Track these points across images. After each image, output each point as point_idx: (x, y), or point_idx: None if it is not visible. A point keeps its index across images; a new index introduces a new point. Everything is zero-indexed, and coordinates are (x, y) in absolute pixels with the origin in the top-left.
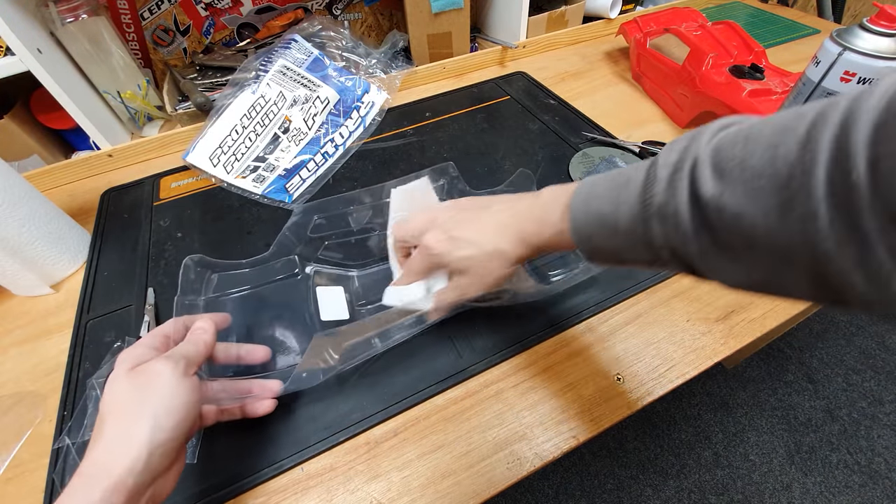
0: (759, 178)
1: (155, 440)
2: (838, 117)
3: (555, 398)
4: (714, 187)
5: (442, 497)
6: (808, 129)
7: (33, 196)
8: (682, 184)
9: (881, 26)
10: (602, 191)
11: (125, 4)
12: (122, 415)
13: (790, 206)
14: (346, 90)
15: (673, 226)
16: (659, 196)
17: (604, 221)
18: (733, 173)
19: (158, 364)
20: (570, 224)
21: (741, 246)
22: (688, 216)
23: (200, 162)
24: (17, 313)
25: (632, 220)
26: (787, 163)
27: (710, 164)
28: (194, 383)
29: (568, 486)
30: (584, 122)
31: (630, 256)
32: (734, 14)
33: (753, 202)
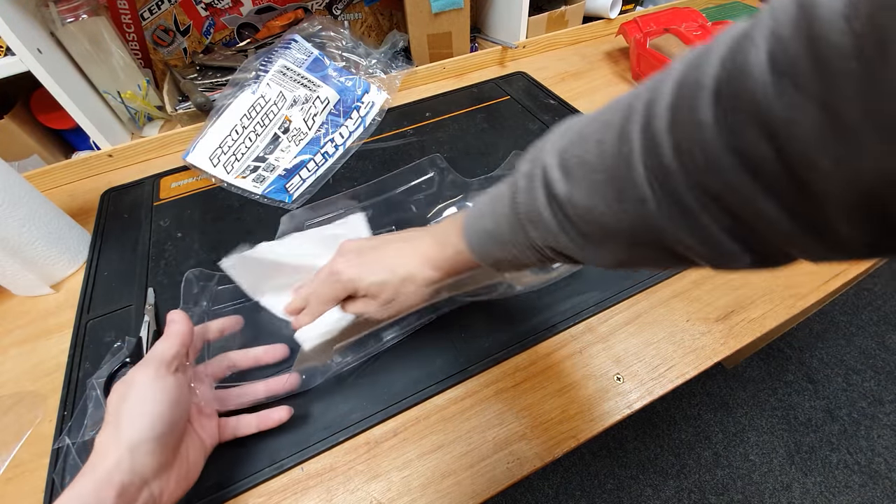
0: (595, 172)
1: (133, 439)
2: (641, 108)
3: (555, 398)
4: (564, 186)
5: (442, 497)
6: (622, 122)
7: (33, 196)
8: (538, 190)
9: None
10: (484, 208)
11: (125, 4)
12: (109, 422)
13: (624, 195)
14: (346, 90)
15: (543, 227)
16: (523, 204)
17: (492, 236)
18: (577, 172)
19: (133, 372)
20: (466, 244)
21: (600, 233)
22: (550, 216)
23: (200, 162)
24: (17, 313)
25: (512, 230)
26: (611, 156)
27: (557, 166)
28: (172, 383)
29: (568, 486)
30: None
31: (526, 260)
32: (734, 14)
33: (596, 195)
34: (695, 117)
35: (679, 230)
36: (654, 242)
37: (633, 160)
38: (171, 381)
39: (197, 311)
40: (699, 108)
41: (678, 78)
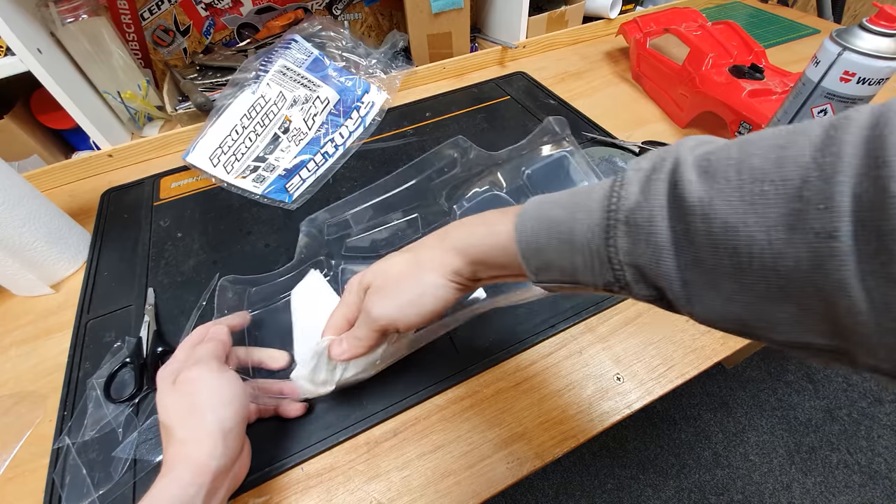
0: (760, 181)
1: (224, 426)
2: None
3: (555, 398)
4: (701, 190)
5: (442, 497)
6: (826, 129)
7: (33, 196)
8: (659, 185)
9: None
10: (559, 197)
11: (125, 4)
12: (185, 417)
13: (801, 220)
14: (346, 90)
15: (644, 236)
16: (628, 199)
17: (556, 228)
18: (728, 174)
19: (192, 371)
20: (516, 231)
21: (729, 268)
22: (665, 224)
23: (200, 162)
24: (17, 313)
25: (590, 229)
26: (799, 165)
27: (695, 165)
28: (233, 375)
29: (568, 485)
30: (584, 122)
31: (585, 277)
32: (734, 14)
33: (753, 211)
34: None
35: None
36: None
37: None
38: (232, 372)
39: None
40: None
41: None
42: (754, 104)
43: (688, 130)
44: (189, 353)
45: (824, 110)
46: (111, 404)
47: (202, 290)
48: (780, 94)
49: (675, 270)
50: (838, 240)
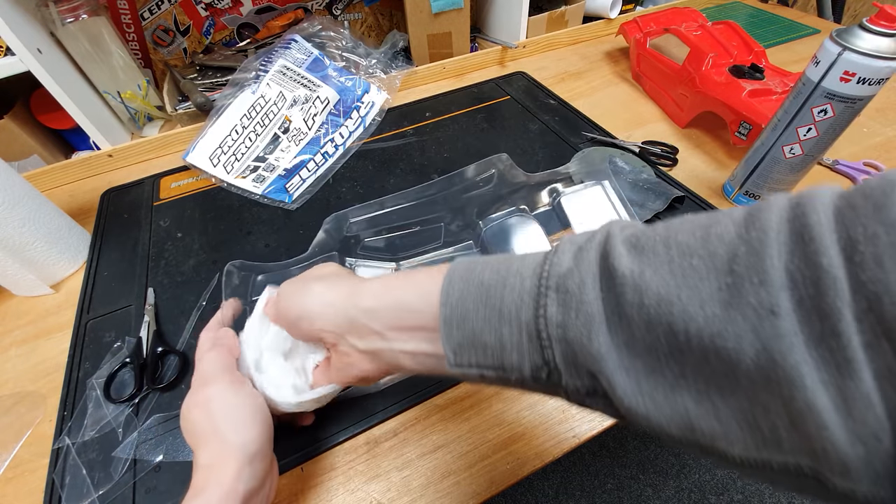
0: (689, 255)
1: (248, 450)
2: (784, 204)
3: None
4: (631, 263)
5: (442, 497)
6: (747, 212)
7: (33, 196)
8: (590, 255)
9: (881, 26)
10: (492, 260)
11: (125, 4)
12: (208, 441)
13: (737, 296)
14: (346, 90)
15: (575, 305)
16: (561, 266)
17: (485, 293)
18: (656, 248)
19: (207, 390)
20: (441, 293)
21: (667, 348)
22: (597, 294)
23: (200, 162)
24: (17, 313)
25: (520, 296)
26: (724, 241)
27: (624, 241)
28: (250, 390)
29: (568, 485)
30: (584, 122)
31: (511, 358)
32: (734, 14)
33: (685, 285)
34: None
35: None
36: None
37: (768, 251)
38: (248, 387)
39: None
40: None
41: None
42: (754, 104)
43: (688, 130)
44: (198, 368)
45: (824, 110)
46: (111, 404)
47: (202, 290)
48: (780, 94)
49: (609, 349)
50: (780, 317)
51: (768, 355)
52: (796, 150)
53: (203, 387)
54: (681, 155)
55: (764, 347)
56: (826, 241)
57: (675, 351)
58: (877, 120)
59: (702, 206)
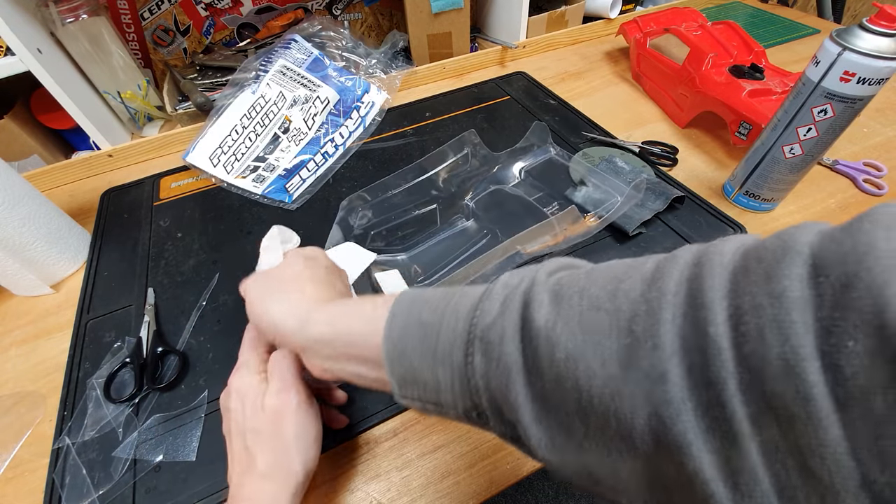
0: (597, 309)
1: (308, 468)
2: (690, 256)
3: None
4: (548, 314)
5: (442, 497)
6: (657, 264)
7: (33, 196)
8: (514, 303)
9: (881, 26)
10: (433, 297)
11: (125, 4)
12: (272, 451)
13: (633, 358)
14: (346, 90)
15: (496, 356)
16: (488, 314)
17: (423, 333)
18: (572, 300)
19: (284, 397)
20: (385, 328)
21: (574, 405)
22: (515, 346)
23: (200, 162)
24: (17, 313)
25: (453, 341)
26: (629, 299)
27: (548, 286)
28: (318, 410)
29: (568, 485)
30: (584, 122)
31: (446, 398)
32: (734, 14)
33: (591, 341)
34: (774, 288)
35: (704, 450)
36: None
37: (662, 315)
38: (317, 406)
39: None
40: (782, 276)
41: (743, 242)
42: (754, 104)
43: (688, 130)
44: (273, 366)
45: (824, 110)
46: (111, 404)
47: (202, 290)
48: (780, 94)
49: (525, 401)
50: (669, 383)
51: (659, 420)
52: (796, 150)
53: (283, 392)
54: (681, 155)
55: (655, 412)
56: (716, 308)
57: (580, 409)
58: (877, 120)
59: (702, 206)
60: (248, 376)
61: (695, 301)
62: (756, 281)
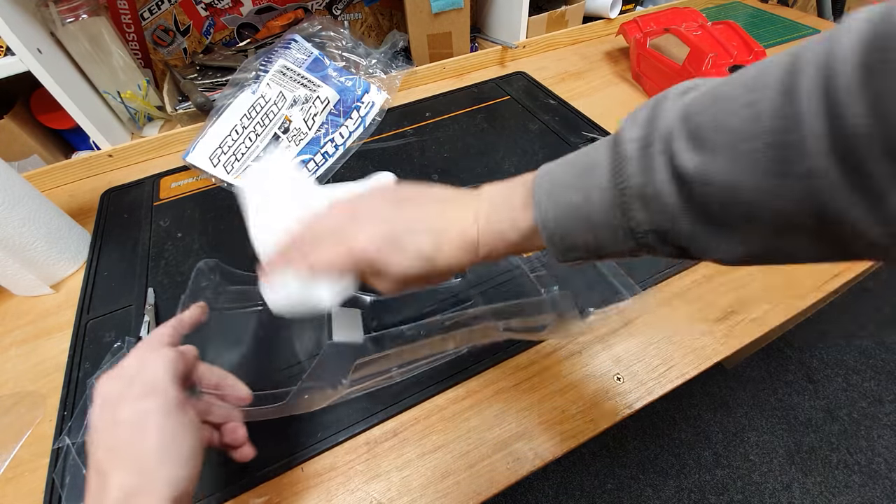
0: (743, 140)
1: (176, 491)
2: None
3: (555, 398)
4: (695, 159)
5: (442, 497)
6: (783, 79)
7: (33, 196)
8: (657, 161)
9: None
10: (570, 178)
11: (125, 4)
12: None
13: (787, 166)
14: (346, 90)
15: (658, 207)
16: (635, 177)
17: (579, 213)
18: (715, 140)
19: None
20: (539, 223)
21: (739, 219)
22: (674, 196)
23: (200, 162)
24: (17, 313)
25: (608, 209)
26: (770, 119)
27: (684, 134)
28: (193, 418)
29: (568, 485)
30: (584, 122)
31: (612, 248)
32: (734, 14)
33: (745, 169)
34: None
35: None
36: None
37: (805, 124)
38: (192, 414)
39: None
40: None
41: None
42: None
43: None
44: (141, 365)
45: None
46: None
47: None
48: None
49: (692, 229)
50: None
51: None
52: None
53: (143, 397)
54: None
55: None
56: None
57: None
58: None
59: None
60: (113, 380)
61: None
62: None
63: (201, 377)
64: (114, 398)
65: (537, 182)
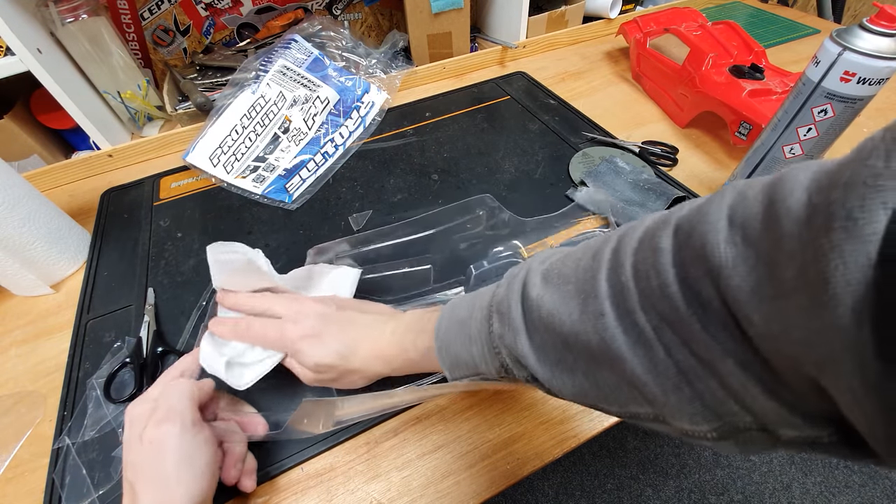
0: (567, 283)
1: (195, 500)
2: (616, 236)
3: (555, 398)
4: (539, 289)
5: (442, 497)
6: (599, 245)
7: (33, 196)
8: (516, 285)
9: (881, 26)
10: (465, 301)
11: (125, 4)
12: (151, 484)
13: (585, 305)
14: (346, 90)
15: (508, 321)
16: (500, 294)
17: (462, 326)
18: (554, 280)
19: (163, 428)
20: (435, 332)
21: (560, 344)
22: (518, 311)
23: (200, 162)
24: (17, 313)
25: (480, 322)
26: (583, 270)
27: (540, 273)
28: (208, 437)
29: (568, 486)
30: (584, 122)
31: (483, 366)
32: (734, 14)
33: (563, 302)
34: (655, 244)
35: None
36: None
37: (599, 276)
38: (207, 433)
39: None
40: (660, 237)
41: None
42: (754, 104)
43: (688, 130)
44: (163, 392)
45: (825, 110)
46: (111, 404)
47: (202, 290)
48: (781, 94)
49: (530, 350)
50: (606, 316)
51: (605, 343)
52: (796, 150)
53: (164, 422)
54: (681, 155)
55: (602, 338)
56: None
57: (565, 346)
58: (877, 120)
59: None
60: (141, 404)
61: (616, 262)
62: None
63: (221, 407)
64: (141, 420)
65: (443, 309)
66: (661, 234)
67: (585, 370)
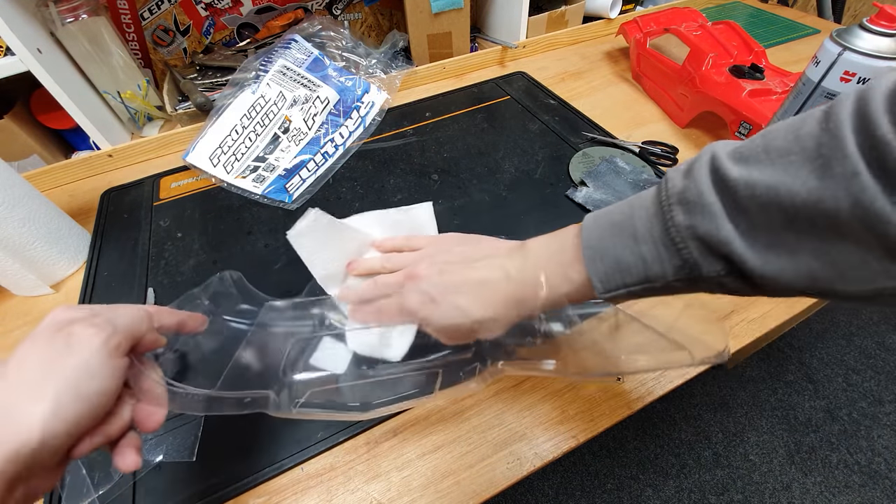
0: (787, 154)
1: (50, 429)
2: (852, 97)
3: (555, 398)
4: (739, 169)
5: (442, 497)
6: (824, 112)
7: (33, 196)
8: (700, 171)
9: (881, 26)
10: (614, 207)
11: (125, 4)
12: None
13: (828, 169)
14: (346, 90)
15: (699, 208)
16: (675, 186)
17: (619, 228)
18: (758, 157)
19: (87, 329)
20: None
21: (781, 222)
22: (715, 198)
23: (200, 162)
24: (17, 313)
25: (649, 220)
26: (811, 137)
27: (728, 156)
28: (120, 368)
29: (568, 486)
30: (584, 122)
31: (654, 268)
32: (734, 14)
33: (786, 173)
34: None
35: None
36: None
37: (843, 134)
38: (122, 364)
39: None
40: None
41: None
42: (754, 104)
43: (688, 130)
44: (111, 308)
45: None
46: None
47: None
48: (781, 94)
49: (735, 235)
50: (862, 176)
51: (860, 205)
52: None
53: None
54: (681, 155)
55: (856, 200)
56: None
57: (787, 222)
58: None
59: None
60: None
61: (865, 121)
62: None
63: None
64: (69, 317)
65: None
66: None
67: (815, 248)
